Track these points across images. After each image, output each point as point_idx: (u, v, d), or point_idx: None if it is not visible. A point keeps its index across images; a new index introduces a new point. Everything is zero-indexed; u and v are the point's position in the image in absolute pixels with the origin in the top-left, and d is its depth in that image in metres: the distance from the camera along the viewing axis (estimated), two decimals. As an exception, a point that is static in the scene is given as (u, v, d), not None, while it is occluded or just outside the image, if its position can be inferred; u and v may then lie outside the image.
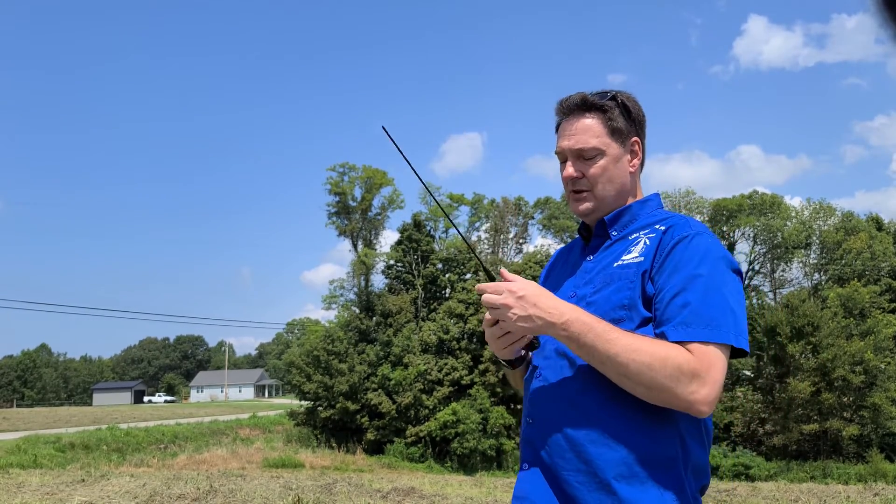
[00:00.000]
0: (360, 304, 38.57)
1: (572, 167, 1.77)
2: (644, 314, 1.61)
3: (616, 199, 1.79)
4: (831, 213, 43.27)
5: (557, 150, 1.81)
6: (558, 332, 1.55)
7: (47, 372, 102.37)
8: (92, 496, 9.47)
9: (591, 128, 1.76)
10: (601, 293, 1.68)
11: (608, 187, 1.77)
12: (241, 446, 31.53)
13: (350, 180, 39.89)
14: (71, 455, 26.06)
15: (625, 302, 1.63)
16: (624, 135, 1.78)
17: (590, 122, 1.76)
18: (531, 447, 1.69)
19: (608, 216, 1.79)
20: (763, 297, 41.76)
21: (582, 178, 1.77)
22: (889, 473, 25.34)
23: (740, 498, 12.52)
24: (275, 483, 11.58)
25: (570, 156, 1.78)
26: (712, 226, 42.25)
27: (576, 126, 1.77)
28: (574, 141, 1.76)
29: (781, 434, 29.43)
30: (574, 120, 1.78)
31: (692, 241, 1.62)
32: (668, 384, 1.47)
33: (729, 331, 1.52)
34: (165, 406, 72.21)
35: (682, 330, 1.52)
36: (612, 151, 1.76)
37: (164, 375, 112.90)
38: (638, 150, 1.81)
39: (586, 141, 1.75)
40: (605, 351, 1.51)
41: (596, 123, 1.76)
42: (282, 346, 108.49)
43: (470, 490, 12.78)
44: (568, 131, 1.78)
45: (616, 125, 1.77)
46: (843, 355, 29.02)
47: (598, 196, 1.77)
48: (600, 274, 1.72)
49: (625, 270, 1.67)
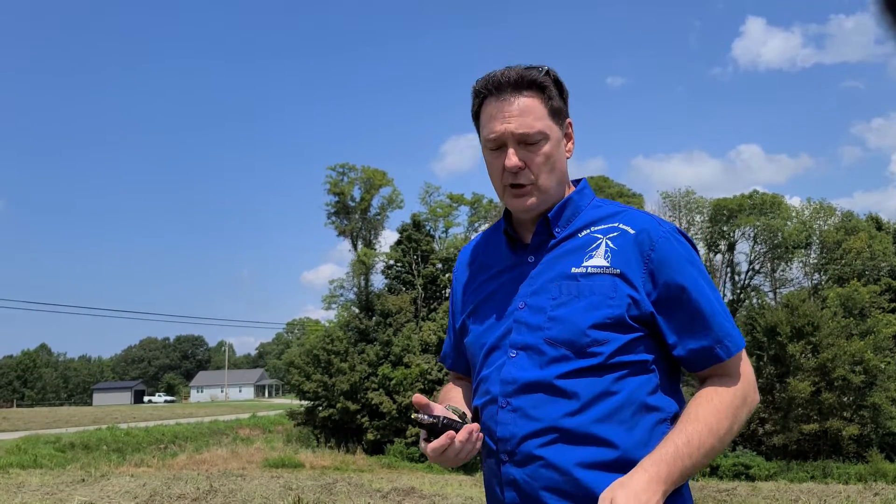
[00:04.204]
0: (359, 303, 38.58)
1: (515, 155, 1.51)
2: (634, 334, 1.46)
3: (558, 189, 1.58)
4: (831, 213, 43.26)
5: (491, 136, 1.53)
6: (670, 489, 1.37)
7: (47, 372, 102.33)
8: (92, 496, 9.47)
9: (533, 109, 1.51)
10: (569, 308, 1.47)
11: (552, 177, 1.55)
12: (241, 446, 31.52)
13: (349, 180, 39.96)
14: (71, 455, 26.04)
15: (607, 321, 1.45)
16: (562, 116, 1.57)
17: (530, 101, 1.51)
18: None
19: (552, 212, 1.57)
20: (763, 297, 41.76)
21: (524, 168, 1.52)
22: (889, 473, 25.33)
23: (740, 498, 12.52)
24: (275, 483, 11.58)
25: (512, 142, 1.51)
26: (712, 226, 42.29)
27: (516, 106, 1.51)
28: (518, 124, 1.50)
29: (781, 434, 29.42)
30: (511, 99, 1.51)
31: (674, 245, 1.50)
32: (745, 419, 1.49)
33: (740, 335, 1.52)
34: (165, 406, 72.19)
35: (721, 349, 1.47)
36: (555, 135, 1.54)
37: (164, 375, 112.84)
38: (571, 133, 1.62)
39: (531, 124, 1.50)
40: (706, 457, 1.40)
41: (537, 103, 1.52)
42: (282, 346, 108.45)
43: (470, 490, 12.77)
44: (506, 112, 1.51)
45: (555, 105, 1.55)
46: (843, 355, 29.04)
47: (542, 188, 1.54)
48: (557, 283, 1.51)
49: (596, 282, 1.47)
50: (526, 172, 1.52)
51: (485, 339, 1.59)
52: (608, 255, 1.49)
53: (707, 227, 42.42)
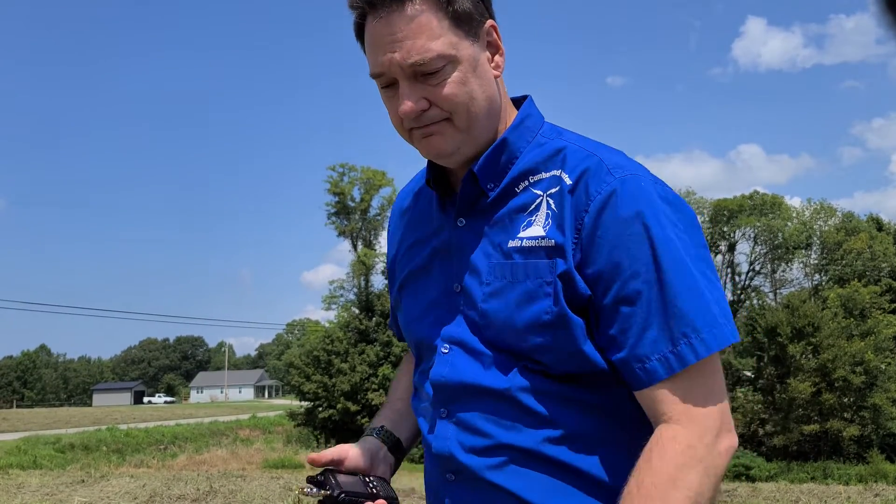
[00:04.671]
0: (360, 304, 38.56)
1: (411, 95, 1.09)
2: (581, 333, 1.07)
3: (487, 125, 1.15)
4: (832, 214, 43.32)
5: (375, 72, 1.12)
6: None
7: (47, 373, 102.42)
8: (92, 497, 9.46)
9: (424, 25, 1.07)
10: (502, 299, 1.11)
11: (473, 110, 1.11)
12: (240, 447, 31.48)
13: (350, 181, 39.98)
14: (71, 456, 26.02)
15: (545, 318, 1.07)
16: (474, 21, 1.11)
17: (419, 14, 1.07)
18: None
19: (478, 164, 1.15)
20: (763, 298, 41.78)
21: (429, 108, 1.10)
22: (890, 474, 25.30)
23: (741, 498, 12.51)
24: (275, 484, 11.56)
25: (403, 76, 1.09)
26: (712, 226, 42.27)
27: (399, 26, 1.07)
28: (406, 50, 1.07)
29: (782, 435, 29.42)
30: (393, 15, 1.07)
31: (623, 197, 1.06)
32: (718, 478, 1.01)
33: (718, 330, 1.03)
34: (165, 407, 72.18)
35: (663, 365, 1.02)
36: (465, 53, 1.10)
37: (163, 376, 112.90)
38: (497, 40, 1.16)
39: (425, 47, 1.06)
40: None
41: (429, 16, 1.07)
42: (282, 347, 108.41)
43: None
44: (388, 36, 1.08)
45: (460, 8, 1.09)
46: (844, 356, 29.04)
47: (461, 127, 1.11)
48: (490, 259, 1.14)
49: (531, 262, 1.09)
50: (433, 111, 1.11)
51: (416, 326, 1.25)
52: (547, 221, 1.10)
53: (707, 228, 42.42)
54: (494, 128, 1.17)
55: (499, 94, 1.17)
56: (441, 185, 1.23)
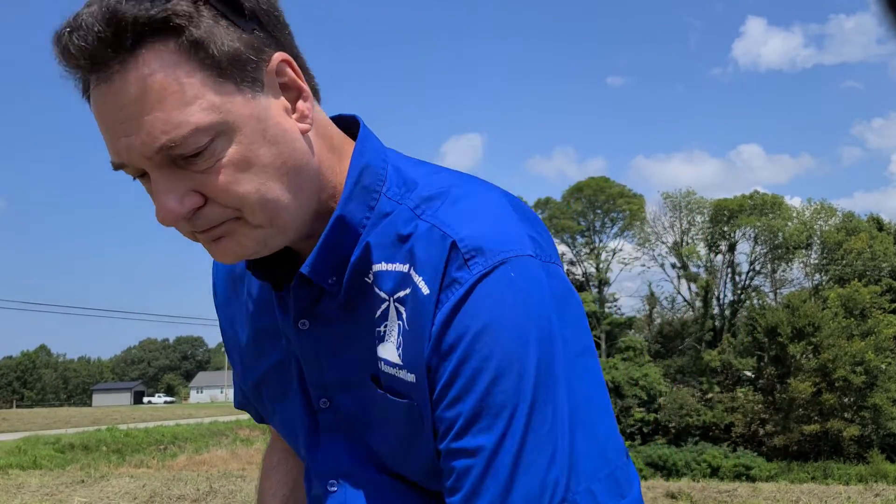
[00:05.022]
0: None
1: (172, 191, 0.74)
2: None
3: (301, 205, 0.80)
4: (832, 214, 43.35)
5: (116, 162, 0.76)
6: None
7: (47, 373, 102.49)
8: (91, 497, 9.45)
9: (166, 88, 0.71)
10: (382, 433, 0.86)
11: (270, 197, 0.76)
12: (241, 447, 31.51)
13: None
14: (70, 456, 26.03)
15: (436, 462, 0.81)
16: (248, 63, 0.74)
17: (154, 73, 0.71)
18: None
19: (307, 264, 0.81)
20: (764, 298, 41.78)
21: (205, 204, 0.75)
22: (890, 474, 25.32)
23: (741, 499, 12.50)
24: (275, 484, 11.55)
25: (153, 165, 0.74)
26: (713, 226, 42.28)
27: (130, 95, 0.71)
28: (145, 133, 0.71)
29: (782, 435, 29.44)
30: (115, 80, 0.71)
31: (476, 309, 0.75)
32: None
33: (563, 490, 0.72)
34: (165, 407, 72.22)
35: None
36: (241, 113, 0.74)
37: (163, 376, 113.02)
38: (295, 79, 0.79)
39: (171, 122, 0.71)
40: None
41: (171, 73, 0.71)
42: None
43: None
44: (117, 112, 0.72)
45: (219, 50, 0.72)
46: (844, 356, 29.06)
47: (260, 222, 0.77)
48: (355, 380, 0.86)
49: (397, 400, 0.82)
50: (210, 209, 0.76)
51: (293, 437, 0.97)
52: (399, 340, 0.81)
53: (708, 228, 42.41)
54: (316, 198, 0.82)
55: (312, 154, 0.81)
56: (266, 269, 0.88)
